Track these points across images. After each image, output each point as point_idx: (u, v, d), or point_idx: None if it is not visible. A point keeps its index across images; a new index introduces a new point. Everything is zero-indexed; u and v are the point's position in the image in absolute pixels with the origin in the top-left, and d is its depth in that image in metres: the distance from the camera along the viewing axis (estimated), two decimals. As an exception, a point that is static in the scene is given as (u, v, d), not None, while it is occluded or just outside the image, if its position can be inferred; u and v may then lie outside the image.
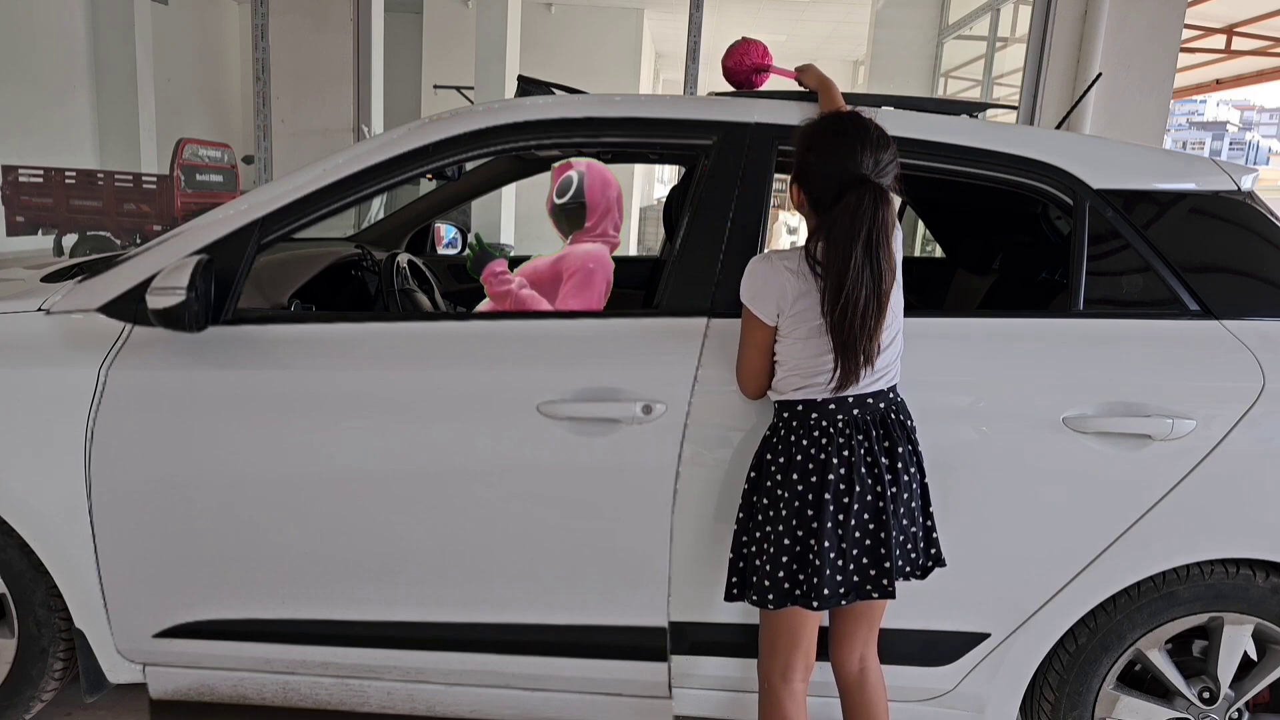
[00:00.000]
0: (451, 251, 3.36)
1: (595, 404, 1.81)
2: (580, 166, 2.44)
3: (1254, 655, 1.93)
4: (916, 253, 6.52)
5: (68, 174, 8.45)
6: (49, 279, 2.24)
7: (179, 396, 1.88)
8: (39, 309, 1.99)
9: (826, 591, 1.62)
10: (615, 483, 1.83)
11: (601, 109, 2.04)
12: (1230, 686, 1.90)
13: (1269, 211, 1.96)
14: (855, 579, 1.64)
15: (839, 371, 1.61)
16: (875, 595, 1.65)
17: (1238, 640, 1.88)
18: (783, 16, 11.80)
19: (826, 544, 1.61)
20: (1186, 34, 6.48)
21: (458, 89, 11.08)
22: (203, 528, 1.90)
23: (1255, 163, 38.01)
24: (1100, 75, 3.98)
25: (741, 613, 1.87)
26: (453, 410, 1.84)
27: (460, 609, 1.91)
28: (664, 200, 4.33)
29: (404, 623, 1.92)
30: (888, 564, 1.63)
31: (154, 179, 8.79)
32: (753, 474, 1.72)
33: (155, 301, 1.80)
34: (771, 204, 1.96)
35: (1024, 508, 1.82)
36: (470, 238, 2.43)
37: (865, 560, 1.64)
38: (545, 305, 2.32)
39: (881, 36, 9.62)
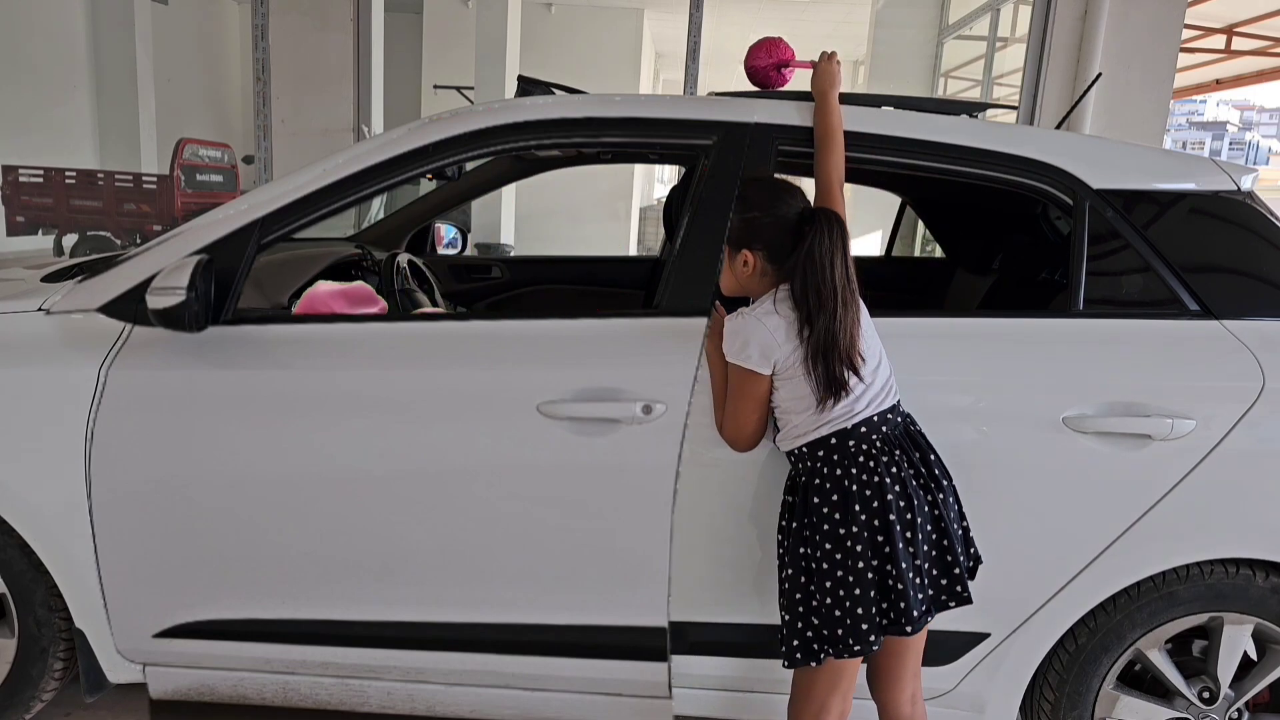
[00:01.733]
0: (451, 251, 3.36)
1: (595, 404, 1.81)
2: (303, 308, 2.17)
3: (1254, 655, 1.93)
4: (917, 252, 6.52)
5: (68, 174, 8.45)
6: (49, 279, 2.24)
7: (179, 396, 1.88)
8: (39, 309, 1.99)
9: (915, 613, 1.59)
10: (615, 483, 1.83)
11: (601, 109, 2.04)
12: (1230, 686, 1.90)
13: (1269, 211, 1.96)
14: (931, 592, 1.64)
15: (829, 391, 1.62)
16: (953, 604, 1.65)
17: (1238, 640, 1.88)
18: (783, 16, 11.79)
19: (904, 565, 1.59)
20: (1186, 34, 6.48)
21: (458, 89, 11.08)
22: (203, 528, 1.89)
23: (1255, 163, 37.99)
24: (1100, 75, 3.98)
25: (742, 612, 1.87)
26: (453, 410, 1.84)
27: (460, 609, 1.91)
28: (664, 200, 4.33)
29: (404, 623, 1.92)
30: (957, 570, 1.63)
31: (154, 179, 8.79)
32: (795, 525, 1.67)
33: (155, 301, 1.80)
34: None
35: (1024, 508, 1.82)
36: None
37: (935, 571, 1.64)
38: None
39: (881, 36, 9.62)
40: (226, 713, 2.16)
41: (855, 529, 1.60)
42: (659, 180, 19.28)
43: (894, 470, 1.63)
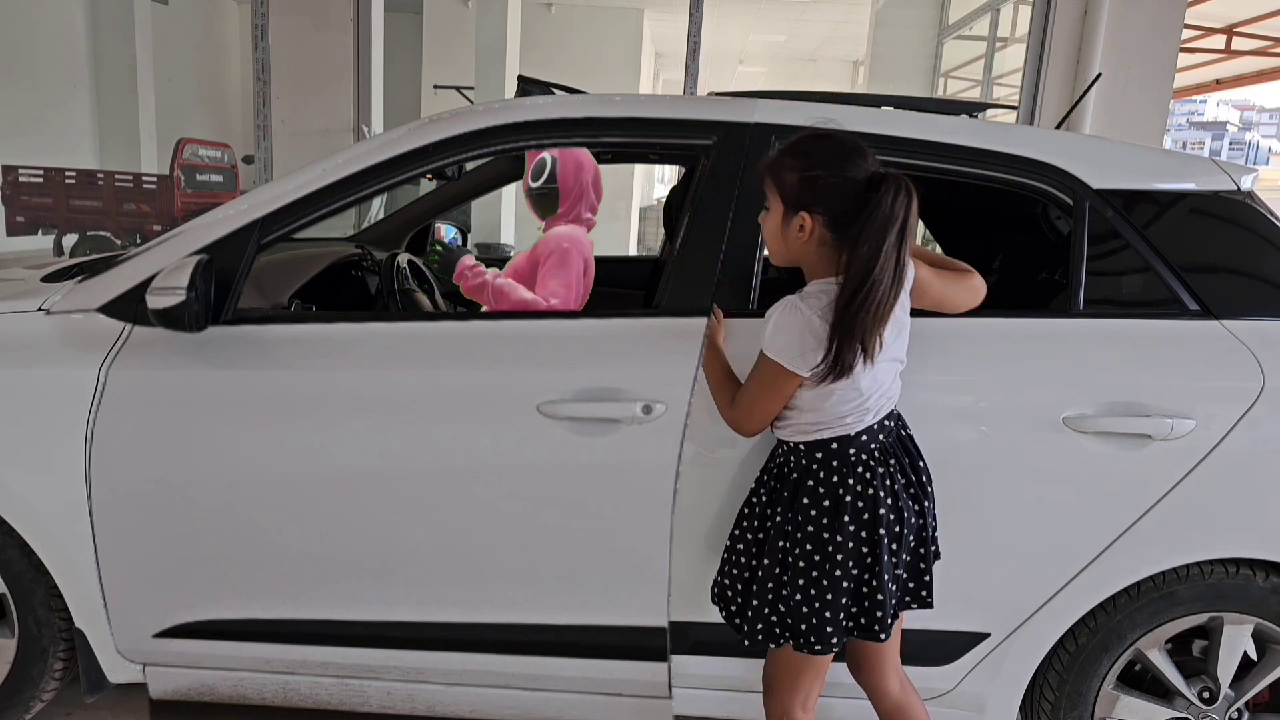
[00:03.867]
0: (451, 251, 3.36)
1: (595, 404, 1.80)
2: (554, 150, 2.45)
3: (1254, 655, 1.93)
4: (916, 253, 6.51)
5: (68, 174, 8.46)
6: (49, 279, 2.24)
7: (179, 396, 1.88)
8: (39, 309, 1.99)
9: (889, 620, 1.60)
10: (615, 483, 1.83)
11: (601, 109, 2.04)
12: (1230, 686, 1.90)
13: (1269, 211, 1.96)
14: (899, 595, 1.65)
15: (831, 361, 1.49)
16: (914, 606, 1.66)
17: (1238, 640, 1.88)
18: (783, 16, 11.80)
19: (886, 576, 1.58)
20: (1186, 34, 6.48)
21: (458, 89, 11.09)
22: (203, 528, 1.89)
23: (1255, 163, 37.97)
24: (1100, 75, 3.99)
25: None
26: (453, 410, 1.84)
27: (460, 609, 1.91)
28: (664, 200, 4.33)
29: (404, 623, 1.92)
30: (927, 576, 1.65)
31: (154, 179, 8.80)
32: (779, 519, 1.63)
33: (155, 301, 1.80)
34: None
35: (1024, 508, 1.81)
36: (430, 245, 2.43)
37: (906, 575, 1.65)
38: (524, 291, 2.30)
39: (881, 36, 9.63)
40: (226, 713, 2.16)
41: (841, 538, 1.58)
42: (659, 180, 19.30)
43: (888, 483, 1.60)
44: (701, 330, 1.84)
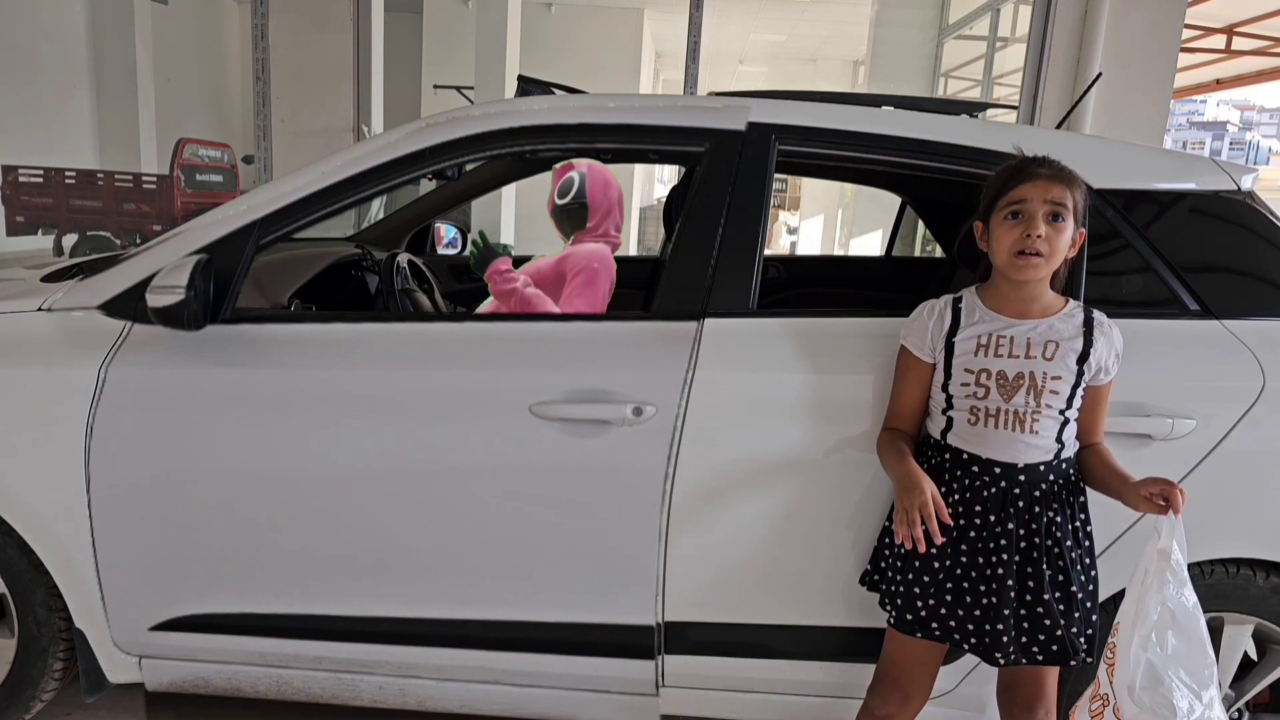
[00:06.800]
0: (451, 251, 3.36)
1: (586, 405, 1.81)
2: (581, 167, 2.45)
3: (1254, 655, 1.93)
4: (916, 252, 6.52)
5: (68, 174, 8.45)
6: (49, 279, 2.24)
7: (178, 394, 1.88)
8: (39, 308, 1.99)
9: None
10: (606, 483, 1.83)
11: (596, 115, 2.04)
12: (1230, 686, 1.90)
13: (1269, 211, 1.96)
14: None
15: None
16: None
17: (1238, 640, 1.88)
18: (783, 16, 11.79)
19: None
20: (1186, 34, 6.48)
21: (458, 89, 11.09)
22: (200, 524, 1.90)
23: (1255, 163, 37.88)
24: (1100, 75, 3.98)
25: (731, 612, 1.88)
26: (448, 410, 1.84)
27: (451, 605, 1.91)
28: (664, 200, 4.33)
29: (396, 619, 1.93)
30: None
31: (154, 179, 8.79)
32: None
33: (155, 300, 1.80)
34: (771, 204, 1.96)
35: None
36: (473, 235, 2.43)
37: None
38: (550, 305, 2.31)
39: (881, 36, 9.62)
40: (221, 709, 2.16)
41: None
42: (659, 180, 19.31)
43: None
44: (693, 334, 1.83)
